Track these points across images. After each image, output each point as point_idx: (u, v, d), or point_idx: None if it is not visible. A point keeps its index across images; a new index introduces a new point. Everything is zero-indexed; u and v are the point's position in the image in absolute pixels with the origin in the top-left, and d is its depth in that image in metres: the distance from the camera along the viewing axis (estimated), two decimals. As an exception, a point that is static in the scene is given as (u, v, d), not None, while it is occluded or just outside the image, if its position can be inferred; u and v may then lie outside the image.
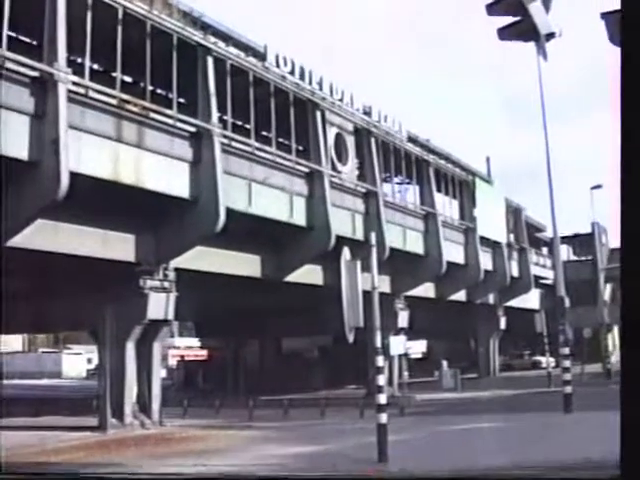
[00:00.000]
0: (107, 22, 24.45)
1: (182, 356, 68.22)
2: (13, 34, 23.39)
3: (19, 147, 21.52)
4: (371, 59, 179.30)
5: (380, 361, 17.44)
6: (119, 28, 24.91)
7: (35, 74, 22.26)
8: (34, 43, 25.84)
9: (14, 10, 21.62)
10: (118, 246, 26.80)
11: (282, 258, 33.97)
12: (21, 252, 23.56)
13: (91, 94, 23.99)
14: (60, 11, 22.77)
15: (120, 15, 25.07)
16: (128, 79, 27.53)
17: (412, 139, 45.97)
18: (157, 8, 26.82)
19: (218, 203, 26.84)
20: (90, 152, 23.36)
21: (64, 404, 37.63)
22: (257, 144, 30.82)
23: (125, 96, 25.05)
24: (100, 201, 23.92)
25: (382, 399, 16.86)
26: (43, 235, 23.67)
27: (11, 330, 60.07)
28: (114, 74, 25.44)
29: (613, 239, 61.07)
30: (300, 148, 34.42)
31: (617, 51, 5.10)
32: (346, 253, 17.14)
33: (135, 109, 25.22)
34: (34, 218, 22.73)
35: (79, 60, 25.00)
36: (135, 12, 25.68)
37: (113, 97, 24.69)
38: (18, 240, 22.94)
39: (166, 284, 28.30)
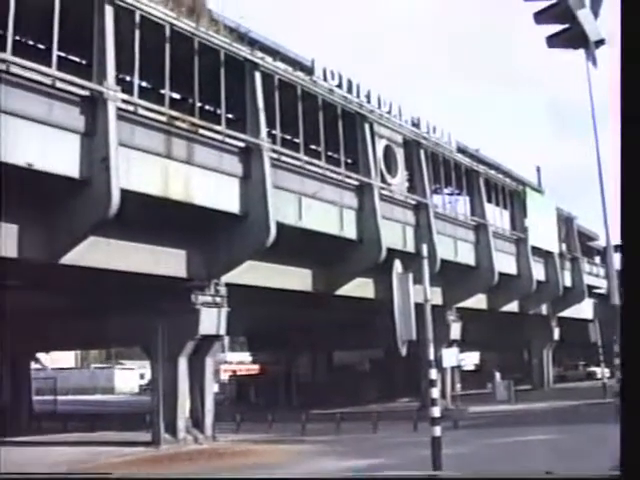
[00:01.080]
0: (155, 40, 24.58)
1: (234, 371, 68.45)
2: (63, 54, 23.60)
3: (70, 165, 21.69)
4: (418, 69, 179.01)
5: (433, 374, 17.23)
6: (167, 45, 25.02)
7: (85, 93, 22.48)
8: (83, 62, 26.08)
9: (64, 30, 21.86)
10: (169, 262, 26.89)
11: (333, 272, 33.83)
12: (74, 269, 23.80)
13: (140, 111, 24.17)
14: (108, 30, 22.98)
15: (167, 33, 25.21)
16: (177, 96, 27.67)
17: (461, 150, 45.66)
18: (204, 25, 26.91)
19: (268, 218, 26.80)
20: (140, 169, 23.47)
21: (117, 419, 37.91)
22: (306, 158, 30.76)
23: (174, 113, 25.17)
24: (151, 217, 24.02)
25: (436, 412, 16.64)
26: (95, 252, 23.81)
27: (64, 347, 60.82)
28: (163, 91, 25.60)
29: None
30: (349, 161, 34.32)
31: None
32: (398, 266, 16.95)
33: (184, 125, 25.31)
34: (86, 235, 22.87)
35: (128, 78, 25.18)
36: (182, 29, 25.81)
37: (162, 114, 24.82)
38: (71, 257, 23.18)
39: (217, 299, 28.32)
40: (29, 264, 23.30)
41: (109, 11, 23.19)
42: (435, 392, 17.20)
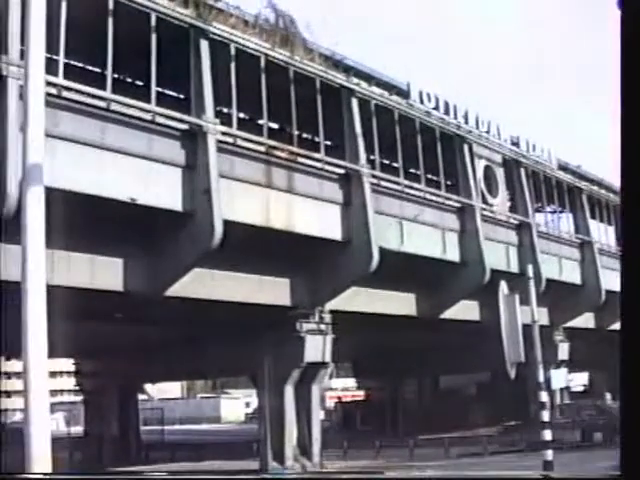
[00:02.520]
0: (251, 71, 24.65)
1: (339, 397, 68.19)
2: (161, 89, 23.86)
3: (173, 199, 21.88)
4: (520, 87, 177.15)
5: (543, 396, 16.78)
6: (263, 76, 25.10)
7: (185, 127, 22.68)
8: (181, 97, 26.36)
9: (161, 66, 22.12)
10: (273, 291, 26.89)
11: (437, 295, 33.32)
12: (180, 301, 23.96)
13: (239, 142, 24.25)
14: (205, 64, 23.16)
15: (263, 63, 25.29)
16: (275, 125, 27.70)
17: (562, 167, 44.66)
18: (299, 54, 26.89)
19: (371, 243, 26.56)
20: (241, 200, 23.51)
21: (224, 448, 38.01)
22: (406, 182, 30.44)
23: (273, 142, 25.20)
24: (253, 247, 24.01)
25: (547, 435, 16.19)
26: (200, 283, 23.93)
27: (171, 377, 61.54)
28: (261, 121, 25.68)
29: None
30: (449, 183, 33.85)
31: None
32: (504, 287, 16.62)
33: (283, 155, 25.30)
34: (191, 267, 23.01)
35: (225, 110, 25.34)
36: (277, 59, 25.85)
37: (261, 144, 24.86)
38: (176, 289, 23.33)
39: (322, 326, 28.22)
40: (135, 297, 23.56)
41: (204, 45, 23.42)
42: (546, 415, 16.73)
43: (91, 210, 19.77)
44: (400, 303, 32.44)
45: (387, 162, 31.64)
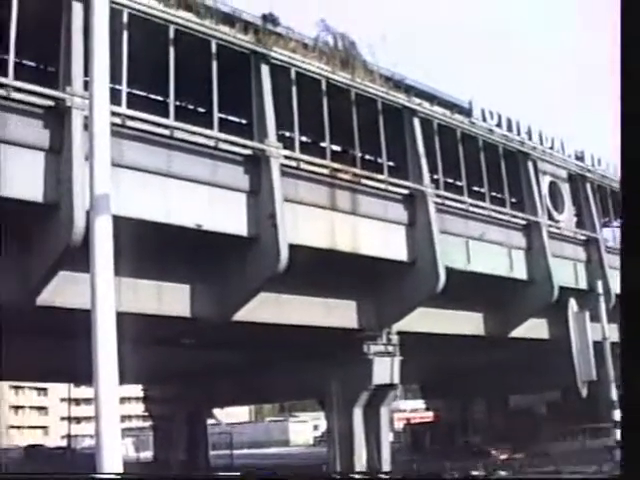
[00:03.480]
0: (312, 94, 24.58)
1: (408, 419, 67.61)
2: (223, 115, 23.89)
3: (238, 224, 21.84)
4: (584, 101, 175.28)
5: (617, 415, 16.31)
6: (324, 99, 25.04)
7: (248, 152, 22.65)
8: (244, 122, 26.39)
9: (223, 93, 22.18)
10: (340, 313, 26.68)
11: (504, 313, 32.73)
12: (247, 325, 23.87)
13: (303, 166, 24.14)
14: (266, 89, 23.17)
15: (324, 87, 25.23)
16: (337, 148, 27.58)
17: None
18: (359, 76, 26.76)
19: (437, 263, 26.19)
20: (306, 223, 23.37)
21: (294, 472, 37.72)
22: (471, 200, 30.05)
23: (336, 165, 25.04)
24: (319, 270, 23.86)
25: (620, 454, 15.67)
26: (267, 307, 23.82)
27: (238, 402, 61.54)
28: (323, 144, 25.58)
29: None
30: (514, 200, 33.35)
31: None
32: (573, 304, 16.29)
33: (347, 177, 25.13)
34: (257, 292, 22.90)
35: (287, 134, 25.28)
36: (338, 82, 25.77)
37: (324, 167, 24.73)
38: (243, 314, 23.27)
39: (390, 348, 27.96)
40: (202, 323, 23.55)
41: (265, 70, 23.42)
42: (619, 434, 16.27)
43: (157, 237, 19.84)
44: (468, 323, 31.95)
45: (451, 181, 31.29)
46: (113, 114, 17.13)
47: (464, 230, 29.40)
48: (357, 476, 12.66)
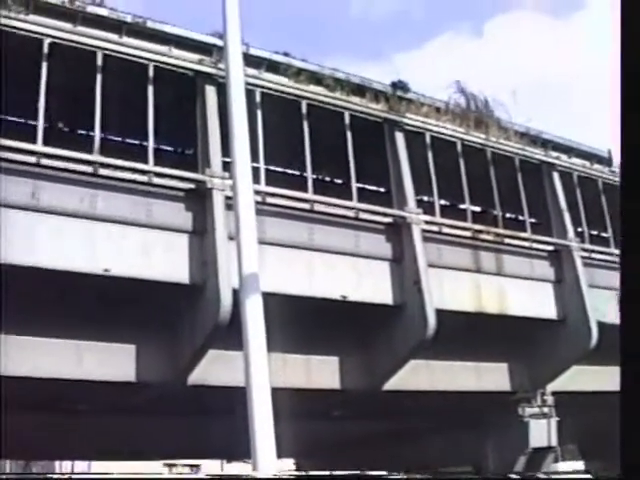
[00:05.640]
0: (448, 157, 24.37)
1: (567, 481, 65.21)
2: (361, 185, 23.87)
3: (383, 293, 21.60)
4: None
5: None
6: (460, 161, 24.80)
7: (388, 220, 22.53)
8: (381, 190, 26.32)
9: (359, 162, 22.29)
10: (491, 376, 25.93)
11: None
12: (396, 394, 23.47)
13: (444, 230, 23.83)
14: (402, 155, 23.10)
15: (459, 148, 24.99)
16: (477, 208, 27.16)
17: None
18: (494, 134, 26.42)
19: (588, 319, 25.13)
20: (452, 287, 22.93)
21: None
22: (618, 251, 28.96)
23: (477, 226, 24.63)
24: (467, 334, 23.32)
25: None
26: (416, 375, 23.36)
27: (391, 469, 60.60)
28: (463, 206, 25.23)
29: None
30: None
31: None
32: None
33: (489, 237, 24.66)
34: (406, 360, 22.49)
35: (425, 198, 25.09)
36: (473, 142, 25.48)
37: (466, 229, 24.34)
38: (393, 383, 22.83)
39: (545, 409, 26.94)
40: (351, 394, 23.28)
41: (400, 137, 23.36)
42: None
43: (303, 311, 19.74)
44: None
45: (596, 233, 30.31)
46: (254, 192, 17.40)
47: (613, 282, 28.26)
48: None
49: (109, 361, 18.98)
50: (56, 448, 29.75)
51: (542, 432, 26.77)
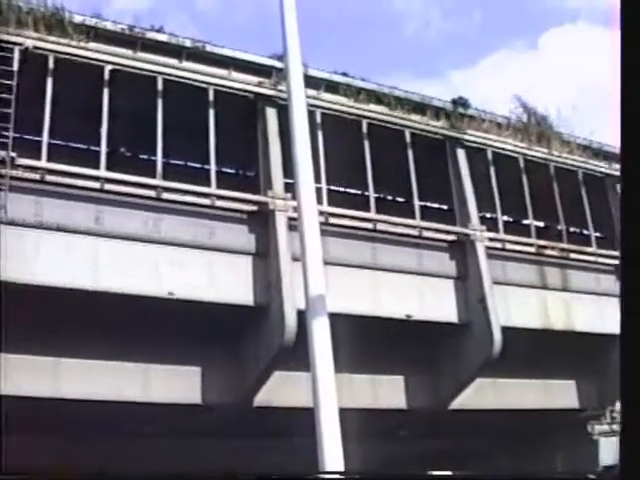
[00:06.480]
0: (510, 172, 24.06)
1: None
2: (423, 203, 23.68)
3: (448, 311, 21.39)
4: None
5: None
6: (523, 176, 24.47)
7: (452, 238, 22.30)
8: (445, 208, 26.12)
9: (421, 180, 22.10)
10: (559, 394, 25.43)
11: None
12: (463, 412, 23.17)
13: (508, 246, 23.51)
14: (464, 172, 22.93)
15: (522, 164, 24.66)
16: (540, 224, 26.80)
17: None
18: (556, 148, 26.05)
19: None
20: (517, 304, 22.56)
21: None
22: (687, 265, 28.33)
23: (541, 242, 24.26)
24: (534, 350, 22.94)
25: None
26: (483, 393, 23.00)
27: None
28: (526, 222, 24.90)
29: None
30: None
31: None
32: None
33: (554, 252, 24.27)
34: (473, 378, 22.17)
35: (488, 215, 24.81)
36: (536, 157, 25.14)
37: (530, 245, 23.97)
38: (459, 401, 22.51)
39: (615, 427, 26.39)
40: (418, 413, 23.03)
41: (461, 154, 23.17)
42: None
43: (368, 330, 19.57)
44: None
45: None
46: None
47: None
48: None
49: (175, 383, 19.01)
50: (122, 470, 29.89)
51: (612, 450, 26.17)
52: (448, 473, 23.18)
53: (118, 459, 19.98)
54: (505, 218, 24.75)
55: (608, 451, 25.92)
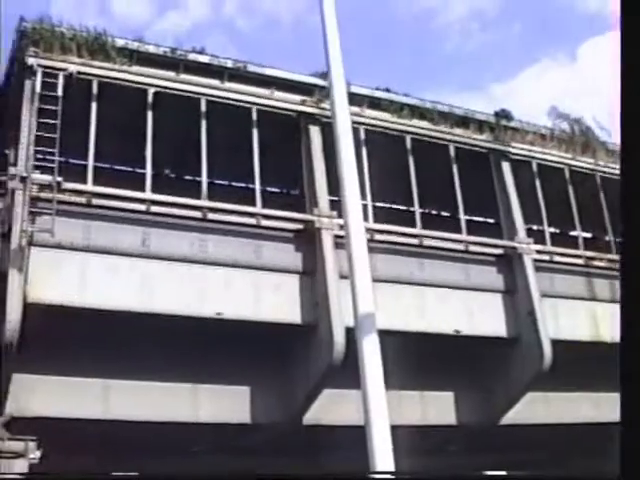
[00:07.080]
0: (556, 184, 23.86)
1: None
2: (469, 217, 23.54)
3: (497, 325, 21.19)
4: None
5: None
6: (569, 187, 24.20)
7: (499, 251, 22.12)
8: (490, 221, 25.93)
9: (467, 195, 22.04)
10: (611, 406, 24.87)
11: None
12: (515, 427, 22.89)
13: (556, 258, 23.25)
14: (509, 185, 22.77)
15: (567, 175, 24.42)
16: (587, 235, 26.50)
17: None
18: (601, 158, 25.76)
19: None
20: (567, 316, 22.25)
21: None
22: None
23: (589, 253, 23.96)
24: (584, 363, 22.62)
25: None
26: (534, 407, 22.66)
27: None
28: (573, 233, 24.64)
29: None
30: None
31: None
32: None
33: (602, 264, 23.94)
34: (523, 392, 21.88)
35: (535, 227, 24.60)
36: (581, 168, 24.87)
37: (578, 257, 23.69)
38: (510, 416, 22.21)
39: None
40: (468, 429, 22.79)
41: (506, 166, 22.99)
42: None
43: (416, 346, 19.44)
44: None
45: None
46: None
47: None
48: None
49: (224, 403, 18.98)
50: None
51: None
52: (502, 473, 23.04)
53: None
54: (552, 230, 24.50)
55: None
